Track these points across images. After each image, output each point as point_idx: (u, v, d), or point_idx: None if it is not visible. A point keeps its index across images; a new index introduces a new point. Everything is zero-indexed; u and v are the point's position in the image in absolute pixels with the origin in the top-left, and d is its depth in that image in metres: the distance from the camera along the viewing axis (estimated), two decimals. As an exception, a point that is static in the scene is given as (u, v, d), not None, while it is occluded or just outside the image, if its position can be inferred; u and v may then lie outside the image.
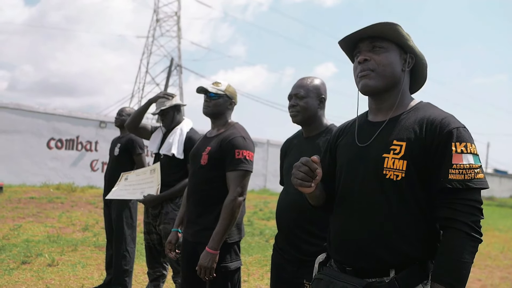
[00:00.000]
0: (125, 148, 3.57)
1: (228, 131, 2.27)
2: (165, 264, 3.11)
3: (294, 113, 1.99)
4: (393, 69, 1.29)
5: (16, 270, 4.03)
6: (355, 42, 1.35)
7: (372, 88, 1.30)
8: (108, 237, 3.73)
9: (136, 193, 2.94)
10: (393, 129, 1.27)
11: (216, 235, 2.07)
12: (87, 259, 4.62)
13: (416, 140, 1.21)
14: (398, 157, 1.21)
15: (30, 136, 10.30)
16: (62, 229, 6.02)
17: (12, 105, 10.20)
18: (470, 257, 1.14)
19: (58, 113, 10.85)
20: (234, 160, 2.15)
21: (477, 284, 4.99)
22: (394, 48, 1.30)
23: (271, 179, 14.65)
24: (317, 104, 1.98)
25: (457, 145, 1.18)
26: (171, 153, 2.84)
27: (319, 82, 2.02)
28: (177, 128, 2.95)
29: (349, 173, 1.33)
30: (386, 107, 1.33)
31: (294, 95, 1.99)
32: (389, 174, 1.21)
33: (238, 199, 2.12)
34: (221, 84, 2.32)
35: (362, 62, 1.31)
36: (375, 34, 1.29)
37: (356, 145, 1.34)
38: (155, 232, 2.96)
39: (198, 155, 2.28)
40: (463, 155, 1.18)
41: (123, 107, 3.81)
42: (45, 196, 8.33)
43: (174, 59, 23.74)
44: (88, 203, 8.08)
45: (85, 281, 3.86)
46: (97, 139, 11.22)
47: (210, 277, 2.06)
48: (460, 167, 1.17)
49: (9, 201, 7.60)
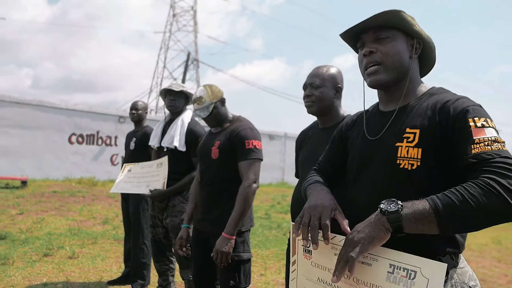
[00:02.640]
0: (141, 142, 3.58)
1: (234, 125, 2.31)
2: (171, 258, 3.09)
3: (309, 103, 1.92)
4: (401, 58, 1.23)
5: (38, 262, 4.12)
6: (357, 33, 1.29)
7: (383, 83, 1.25)
8: (126, 231, 3.76)
9: (141, 186, 2.92)
10: (405, 117, 1.22)
11: (232, 220, 2.11)
12: (106, 251, 4.69)
13: (430, 126, 1.15)
14: (412, 145, 1.15)
15: (52, 131, 10.53)
16: (83, 222, 6.14)
17: (35, 101, 10.44)
18: (479, 208, 0.95)
19: (79, 109, 11.06)
20: (245, 150, 2.20)
21: (504, 279, 4.85)
22: (400, 36, 1.24)
23: (289, 172, 14.59)
24: (333, 94, 1.92)
25: (475, 120, 1.09)
26: (173, 146, 2.82)
27: (335, 70, 1.95)
28: (178, 119, 2.92)
29: (361, 166, 1.28)
30: (397, 96, 1.28)
31: (309, 84, 1.93)
32: (403, 164, 1.15)
33: (253, 186, 2.17)
34: (203, 98, 2.29)
35: (367, 55, 1.25)
36: (379, 24, 1.24)
37: (367, 138, 1.29)
38: (161, 225, 2.95)
39: (207, 151, 2.31)
40: (485, 129, 1.08)
41: (136, 101, 3.80)
42: (67, 190, 8.51)
43: (191, 54, 23.82)
44: (108, 197, 8.21)
45: (104, 274, 3.91)
46: (117, 133, 11.39)
47: (226, 263, 2.08)
48: (484, 140, 1.06)
49: (33, 195, 7.79)
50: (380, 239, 1.03)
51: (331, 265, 1.11)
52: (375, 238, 1.02)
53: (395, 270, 0.99)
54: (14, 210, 6.49)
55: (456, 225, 0.99)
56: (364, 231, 1.04)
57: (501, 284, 4.60)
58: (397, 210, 1.01)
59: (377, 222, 1.03)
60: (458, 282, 1.14)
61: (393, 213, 1.01)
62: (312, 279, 1.16)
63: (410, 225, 1.00)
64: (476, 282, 1.18)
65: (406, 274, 0.97)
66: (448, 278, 1.13)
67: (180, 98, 2.96)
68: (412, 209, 1.01)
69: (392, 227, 1.02)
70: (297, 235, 1.18)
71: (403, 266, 0.99)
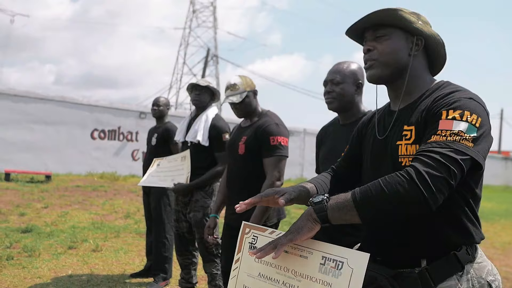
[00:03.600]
0: (162, 137, 3.63)
1: (261, 120, 2.31)
2: (194, 252, 3.14)
3: (330, 100, 1.92)
4: (396, 56, 1.24)
5: (63, 254, 4.24)
6: (362, 31, 1.32)
7: (376, 77, 1.27)
8: (148, 225, 3.83)
9: (167, 180, 2.99)
10: (406, 114, 1.23)
11: (254, 218, 2.10)
12: (128, 245, 4.78)
13: (422, 122, 1.15)
14: (410, 142, 1.16)
15: (75, 127, 10.77)
16: (105, 216, 6.27)
17: (58, 97, 10.69)
18: (391, 194, 0.99)
19: (100, 104, 11.26)
20: (269, 147, 2.20)
21: None
22: (398, 34, 1.24)
23: (308, 168, 14.54)
24: (354, 90, 1.92)
25: (449, 112, 1.08)
26: (197, 140, 2.85)
27: (356, 66, 1.94)
28: (202, 114, 2.95)
29: (373, 167, 1.30)
30: (403, 93, 1.28)
31: (329, 81, 1.93)
32: (404, 161, 1.16)
33: (276, 183, 2.17)
34: (238, 85, 2.32)
35: (366, 53, 1.28)
36: (376, 22, 1.25)
37: (377, 138, 1.31)
38: (185, 220, 3.00)
39: (235, 145, 2.33)
40: (454, 122, 1.06)
41: (158, 97, 3.85)
42: (90, 185, 8.70)
43: (210, 50, 23.93)
44: (130, 192, 8.36)
45: (126, 267, 4.00)
46: (138, 129, 11.56)
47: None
48: (445, 133, 1.05)
49: (57, 189, 8.00)
50: (308, 229, 1.09)
51: (272, 259, 1.15)
52: (303, 227, 1.09)
53: (326, 261, 1.06)
54: (39, 204, 6.68)
55: (372, 212, 1.04)
56: (296, 223, 1.11)
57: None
58: (321, 200, 1.09)
59: (306, 213, 1.11)
60: (474, 276, 1.13)
61: (318, 203, 1.09)
62: (253, 274, 1.20)
63: (334, 214, 1.07)
64: (495, 277, 1.17)
65: (335, 265, 1.04)
66: (464, 272, 1.12)
67: (205, 93, 3.00)
68: (336, 200, 1.08)
69: (318, 217, 1.08)
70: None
71: (333, 258, 1.05)
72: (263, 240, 1.21)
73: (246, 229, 1.28)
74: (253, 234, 1.25)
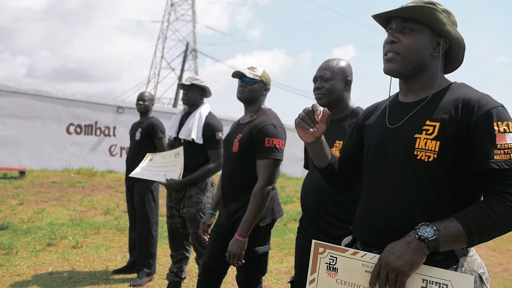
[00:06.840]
0: (147, 132, 3.60)
1: (259, 118, 2.24)
2: (187, 247, 3.17)
3: (320, 96, 1.95)
4: (419, 54, 1.25)
5: (42, 252, 4.14)
6: (389, 18, 1.31)
7: (396, 73, 1.29)
8: (131, 221, 3.79)
9: (159, 175, 2.98)
10: (426, 109, 1.24)
11: (245, 222, 2.08)
12: (109, 241, 4.72)
13: (451, 121, 1.18)
14: (431, 137, 1.19)
15: (50, 121, 10.47)
16: (84, 212, 6.16)
17: (32, 91, 10.36)
18: (503, 225, 1.09)
19: (76, 98, 10.98)
20: (264, 148, 2.13)
21: (499, 268, 4.94)
22: (425, 31, 1.25)
23: (287, 164, 14.58)
24: (343, 87, 1.95)
25: (499, 124, 1.15)
26: (191, 138, 2.85)
27: (345, 64, 1.98)
28: (196, 112, 2.96)
29: (378, 155, 1.31)
30: (417, 88, 1.30)
31: (319, 77, 1.96)
32: (421, 155, 1.19)
33: (267, 188, 2.10)
34: (257, 69, 2.28)
35: (389, 43, 1.28)
36: (408, 15, 1.25)
37: (386, 126, 1.31)
38: (178, 215, 3.01)
39: (230, 142, 2.28)
40: (506, 134, 1.14)
41: (142, 92, 3.81)
42: (66, 181, 8.50)
43: (189, 44, 23.67)
44: (108, 187, 8.22)
45: (109, 263, 3.95)
46: (115, 124, 11.35)
47: (239, 263, 2.09)
48: (505, 147, 1.13)
49: (32, 185, 7.79)
50: (420, 263, 1.11)
51: (362, 282, 1.14)
52: (416, 263, 1.10)
53: (428, 284, 1.07)
54: (14, 200, 6.49)
55: (482, 240, 1.13)
56: (403, 257, 1.10)
57: (496, 273, 4.70)
58: (435, 238, 1.09)
59: (416, 248, 1.10)
60: (468, 269, 1.17)
61: (432, 240, 1.09)
62: None
63: (445, 247, 1.11)
64: (484, 269, 1.22)
65: (438, 287, 1.06)
66: (459, 265, 1.16)
67: (193, 91, 2.99)
68: (447, 233, 1.10)
69: (430, 251, 1.10)
70: None
71: (435, 281, 1.07)
72: (345, 261, 1.18)
73: (320, 249, 1.23)
74: (330, 254, 1.22)
